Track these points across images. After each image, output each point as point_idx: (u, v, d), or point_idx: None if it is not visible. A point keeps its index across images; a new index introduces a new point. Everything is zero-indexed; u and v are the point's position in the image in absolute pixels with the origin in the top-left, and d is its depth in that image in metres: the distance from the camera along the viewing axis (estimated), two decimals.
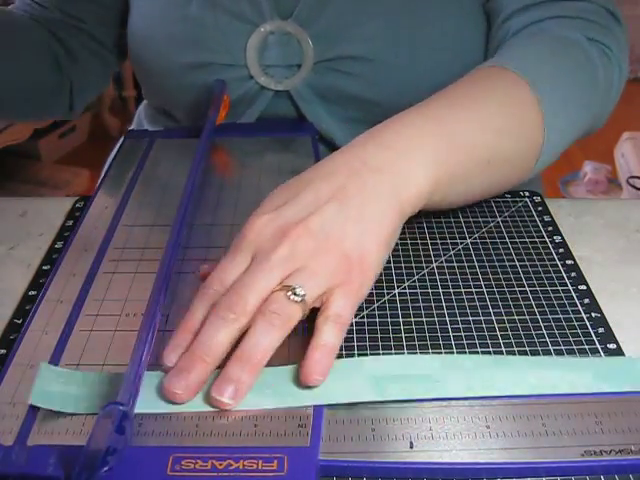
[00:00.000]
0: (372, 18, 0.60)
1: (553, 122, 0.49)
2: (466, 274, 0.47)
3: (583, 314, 0.43)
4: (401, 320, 0.43)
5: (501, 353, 0.40)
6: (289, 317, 0.37)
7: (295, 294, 0.37)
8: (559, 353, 0.40)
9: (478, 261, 0.48)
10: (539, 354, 0.40)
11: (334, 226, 0.39)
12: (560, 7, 0.57)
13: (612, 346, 0.41)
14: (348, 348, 0.41)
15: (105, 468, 0.30)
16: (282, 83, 0.63)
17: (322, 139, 0.65)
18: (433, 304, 0.44)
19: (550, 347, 0.41)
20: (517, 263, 0.48)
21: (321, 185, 0.41)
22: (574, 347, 0.41)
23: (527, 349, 0.41)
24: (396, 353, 0.40)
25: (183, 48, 0.63)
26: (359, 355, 0.40)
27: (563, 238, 0.50)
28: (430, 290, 0.45)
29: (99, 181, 0.60)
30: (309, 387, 0.36)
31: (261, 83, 0.63)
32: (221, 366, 0.37)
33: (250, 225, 0.40)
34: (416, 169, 0.42)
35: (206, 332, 0.37)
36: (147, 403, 0.35)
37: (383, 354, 0.40)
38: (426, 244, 0.50)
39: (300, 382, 0.36)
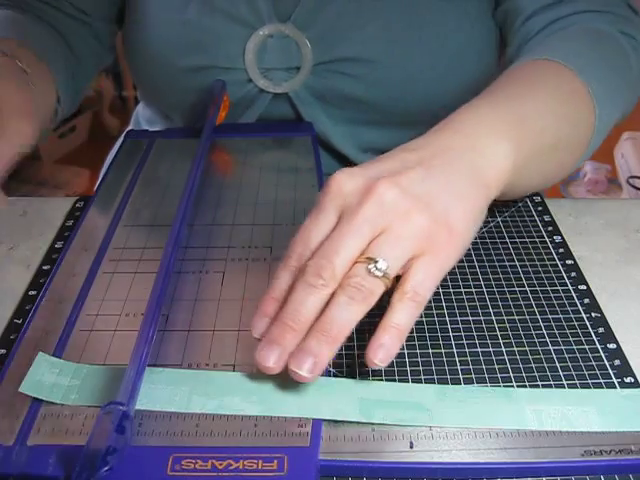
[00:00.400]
0: (370, 20, 0.60)
1: (602, 108, 0.50)
2: (466, 274, 0.47)
3: (583, 314, 0.43)
4: None
5: (501, 353, 0.40)
6: (371, 291, 0.36)
7: (377, 268, 0.35)
8: (559, 353, 0.40)
9: (478, 261, 0.48)
10: (539, 354, 0.40)
11: (423, 188, 0.38)
12: (587, 2, 0.58)
13: (612, 346, 0.41)
14: (348, 348, 0.41)
15: (105, 468, 0.30)
16: (281, 86, 0.63)
17: (319, 141, 0.65)
18: (433, 304, 0.44)
19: (550, 347, 0.41)
20: (517, 263, 0.48)
21: (405, 154, 0.40)
22: (574, 347, 0.41)
23: (527, 349, 0.41)
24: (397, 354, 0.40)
25: (181, 52, 0.62)
26: (359, 354, 0.40)
27: (563, 238, 0.50)
28: None
29: (99, 181, 0.60)
30: (295, 398, 0.36)
31: (260, 86, 0.63)
32: None
33: (334, 178, 0.39)
34: (495, 151, 0.42)
35: (295, 300, 0.36)
36: (147, 400, 0.35)
37: None
38: None
39: (306, 390, 0.36)
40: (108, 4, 0.68)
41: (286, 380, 0.36)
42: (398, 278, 0.37)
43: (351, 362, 0.40)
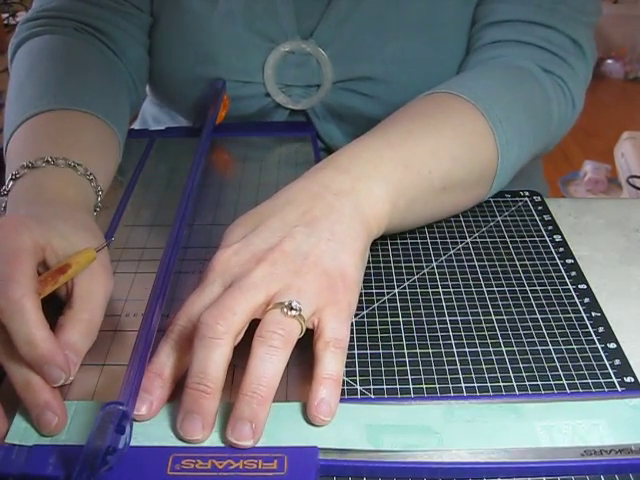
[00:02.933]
0: (391, 39, 0.60)
1: (507, 150, 0.50)
2: (466, 274, 0.47)
3: (583, 313, 0.43)
4: (401, 320, 0.43)
5: (501, 352, 0.40)
6: (289, 333, 0.35)
7: (292, 308, 0.35)
8: (559, 352, 0.40)
9: (478, 261, 0.48)
10: (539, 353, 0.40)
11: (309, 247, 0.38)
12: (523, 31, 0.57)
13: (612, 345, 0.41)
14: (348, 348, 0.40)
15: (105, 467, 0.30)
16: (300, 102, 0.63)
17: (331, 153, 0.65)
18: (433, 304, 0.44)
19: (550, 346, 0.41)
20: (517, 263, 0.48)
21: (286, 212, 0.40)
22: (574, 346, 0.41)
23: (527, 348, 0.41)
24: (396, 353, 0.40)
25: (201, 62, 0.62)
26: (359, 355, 0.40)
27: (563, 237, 0.50)
28: (430, 290, 0.45)
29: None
30: (299, 427, 0.35)
31: (278, 102, 0.63)
32: None
33: (217, 258, 0.38)
34: (375, 191, 0.43)
35: (198, 359, 0.34)
36: (143, 438, 0.34)
37: (383, 354, 0.40)
38: (426, 244, 0.50)
39: (307, 420, 0.35)
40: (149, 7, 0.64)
41: (288, 409, 0.35)
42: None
43: (351, 362, 0.40)
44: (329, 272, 0.38)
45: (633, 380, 0.38)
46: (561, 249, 0.49)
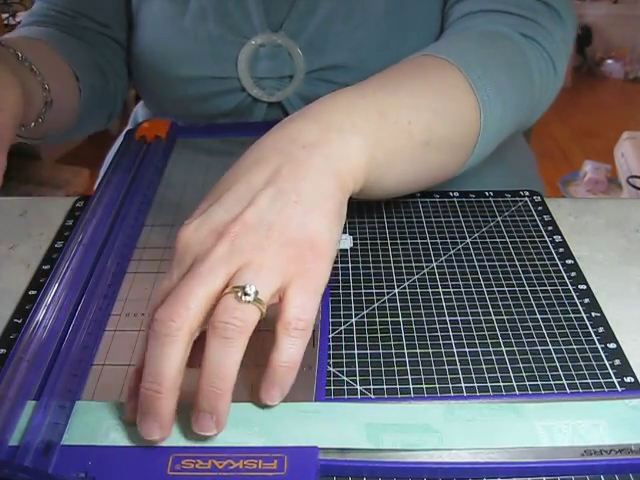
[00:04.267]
0: (358, 26, 0.60)
1: (489, 107, 0.48)
2: (466, 274, 0.47)
3: (583, 314, 0.43)
4: (401, 320, 0.43)
5: (501, 352, 0.40)
6: (244, 322, 0.33)
7: (245, 293, 0.33)
8: (559, 352, 0.40)
9: (478, 261, 0.48)
10: (539, 354, 0.40)
11: (273, 214, 0.35)
12: (487, 1, 0.56)
13: (612, 346, 0.41)
14: (348, 347, 0.41)
15: None
16: (274, 95, 0.63)
17: None
18: (433, 304, 0.44)
19: (550, 347, 0.41)
20: (517, 263, 0.48)
21: (252, 174, 0.37)
22: (574, 347, 0.41)
23: (527, 348, 0.41)
24: (396, 353, 0.40)
25: (177, 61, 0.63)
26: (359, 355, 0.40)
27: (563, 238, 0.50)
28: (430, 290, 0.45)
29: (98, 181, 0.60)
30: (299, 427, 0.34)
31: (253, 95, 0.63)
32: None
33: (179, 237, 0.36)
34: (348, 140, 0.39)
35: (151, 357, 0.33)
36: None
37: (383, 354, 0.40)
38: (426, 244, 0.50)
39: (307, 420, 0.35)
40: (124, 14, 0.67)
41: (287, 409, 0.35)
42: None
43: (351, 362, 0.40)
44: (296, 241, 0.35)
45: (633, 380, 0.38)
46: (561, 249, 0.49)
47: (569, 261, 0.48)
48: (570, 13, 0.57)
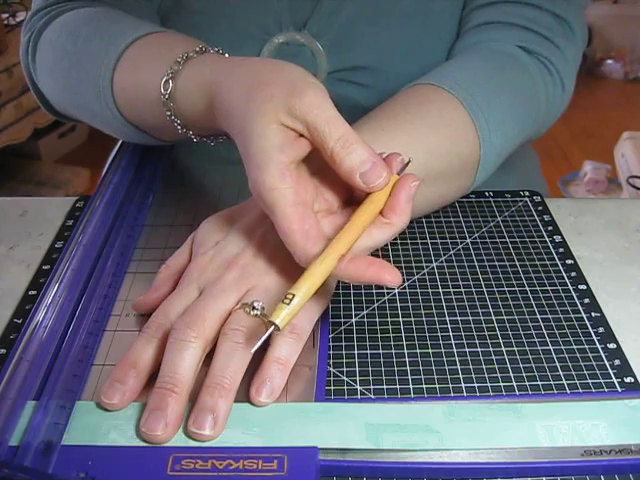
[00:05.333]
0: (383, 28, 0.59)
1: (489, 139, 0.50)
2: (466, 274, 0.47)
3: (583, 314, 0.43)
4: (401, 320, 0.43)
5: (501, 352, 0.40)
6: (250, 330, 0.37)
7: (253, 308, 0.35)
8: (559, 352, 0.40)
9: (478, 261, 0.48)
10: (539, 354, 0.40)
11: (277, 241, 0.38)
12: (509, 12, 0.56)
13: (612, 346, 0.41)
14: (348, 347, 0.41)
15: None
16: None
17: None
18: (433, 304, 0.44)
19: (550, 347, 0.41)
20: (517, 263, 0.48)
21: (256, 211, 0.42)
22: (574, 347, 0.41)
23: (527, 349, 0.41)
24: (396, 353, 0.40)
25: None
26: (359, 355, 0.40)
27: (563, 238, 0.50)
28: (430, 290, 0.45)
29: (99, 181, 0.59)
30: (299, 427, 0.35)
31: None
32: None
33: (195, 264, 0.41)
34: None
35: (168, 361, 0.36)
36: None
37: (383, 354, 0.40)
38: (426, 244, 0.50)
39: (307, 420, 0.35)
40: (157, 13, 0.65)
41: (287, 409, 0.36)
42: None
43: (351, 362, 0.40)
44: (295, 262, 0.38)
45: (633, 380, 0.38)
46: (561, 249, 0.49)
47: (569, 261, 0.48)
48: (582, 29, 0.59)
